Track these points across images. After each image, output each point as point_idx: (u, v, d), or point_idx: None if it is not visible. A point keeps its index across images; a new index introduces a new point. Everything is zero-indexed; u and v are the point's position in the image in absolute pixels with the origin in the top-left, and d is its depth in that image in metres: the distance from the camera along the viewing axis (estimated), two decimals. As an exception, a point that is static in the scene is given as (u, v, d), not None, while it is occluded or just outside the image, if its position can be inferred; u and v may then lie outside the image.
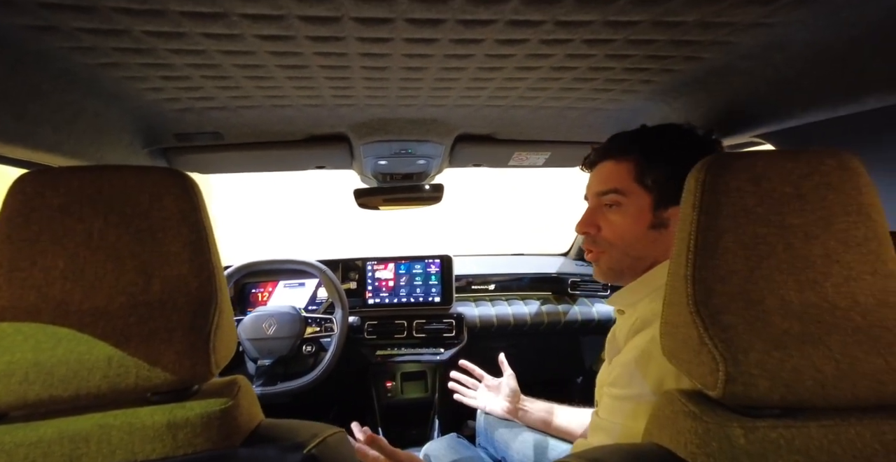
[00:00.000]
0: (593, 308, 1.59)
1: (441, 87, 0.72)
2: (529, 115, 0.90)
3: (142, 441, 0.40)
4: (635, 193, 0.65)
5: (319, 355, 1.36)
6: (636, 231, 0.65)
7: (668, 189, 0.63)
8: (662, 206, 0.64)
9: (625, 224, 0.65)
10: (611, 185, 0.67)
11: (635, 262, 0.66)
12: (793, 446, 0.33)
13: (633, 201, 0.65)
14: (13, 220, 0.41)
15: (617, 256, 0.67)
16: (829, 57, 0.52)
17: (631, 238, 0.65)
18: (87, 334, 0.40)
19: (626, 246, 0.66)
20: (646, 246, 0.65)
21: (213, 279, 0.44)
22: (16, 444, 0.39)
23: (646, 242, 0.65)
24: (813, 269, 0.38)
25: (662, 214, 0.64)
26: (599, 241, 0.69)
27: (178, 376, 0.40)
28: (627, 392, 0.55)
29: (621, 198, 0.65)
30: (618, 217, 0.66)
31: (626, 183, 0.65)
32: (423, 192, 1.26)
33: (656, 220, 0.64)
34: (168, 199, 0.44)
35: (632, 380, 0.55)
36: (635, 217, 0.65)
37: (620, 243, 0.66)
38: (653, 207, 0.64)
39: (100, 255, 0.42)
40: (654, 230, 0.64)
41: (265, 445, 0.43)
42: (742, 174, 0.39)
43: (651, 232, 0.64)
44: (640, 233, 0.65)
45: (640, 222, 0.64)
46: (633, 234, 0.65)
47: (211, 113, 0.81)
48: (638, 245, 0.65)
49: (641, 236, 0.65)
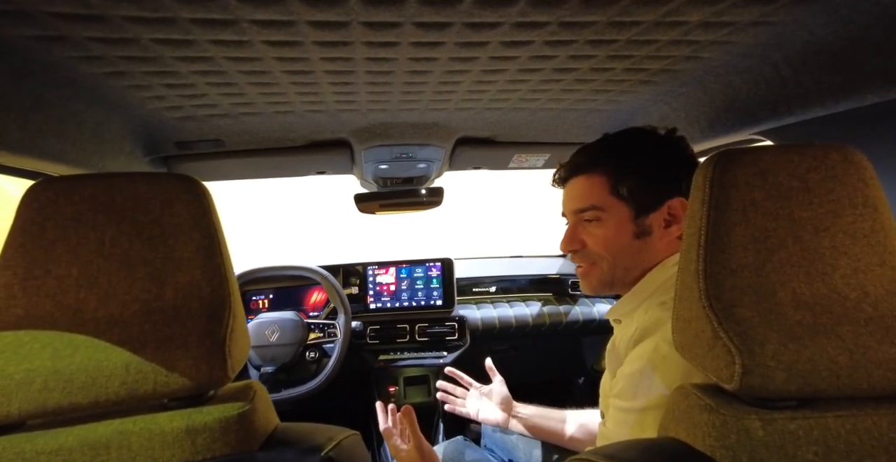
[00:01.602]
0: (594, 308, 1.59)
1: (443, 91, 0.73)
2: (529, 118, 0.91)
3: (161, 447, 0.40)
4: (613, 206, 0.64)
5: (322, 361, 1.36)
6: (621, 242, 0.64)
7: (645, 196, 0.63)
8: (643, 214, 0.63)
9: (608, 237, 0.65)
10: (587, 202, 0.66)
11: (625, 273, 0.66)
12: (811, 437, 0.34)
13: (612, 214, 0.64)
14: (28, 229, 0.42)
15: (607, 269, 0.66)
16: (828, 54, 0.54)
17: (617, 248, 0.65)
18: (103, 341, 0.40)
19: (614, 257, 0.65)
20: (632, 256, 0.65)
21: (226, 283, 0.44)
22: (37, 451, 0.39)
23: (632, 252, 0.64)
24: (822, 262, 0.38)
25: (644, 222, 0.64)
26: (588, 254, 0.68)
27: (195, 382, 0.40)
28: (633, 404, 0.55)
29: (600, 213, 0.65)
30: (600, 230, 0.66)
31: (602, 197, 0.65)
32: (422, 195, 1.26)
33: (638, 228, 0.64)
34: (179, 205, 0.44)
35: (636, 392, 0.55)
36: (617, 229, 0.64)
37: (608, 254, 0.65)
38: (633, 217, 0.64)
39: (113, 263, 0.42)
40: (639, 239, 0.64)
41: (283, 449, 0.43)
42: (749, 169, 0.40)
43: (636, 241, 0.64)
44: (624, 243, 0.64)
45: (623, 233, 0.64)
46: (618, 245, 0.65)
47: (213, 120, 0.81)
48: (625, 255, 0.65)
49: (627, 246, 0.64)
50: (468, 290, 1.67)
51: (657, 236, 0.64)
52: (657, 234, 0.64)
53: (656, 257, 0.65)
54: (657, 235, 0.64)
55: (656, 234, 0.64)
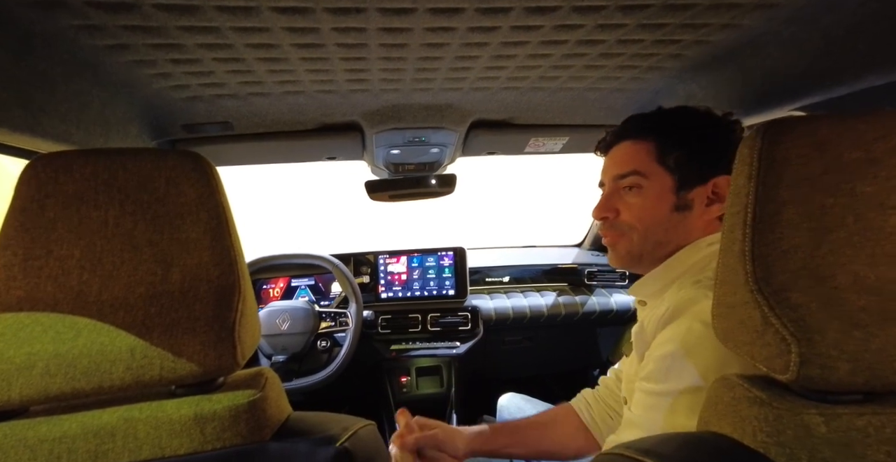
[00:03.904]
0: (611, 298, 1.56)
1: (459, 67, 0.69)
2: (548, 98, 0.87)
3: (169, 435, 0.38)
4: (657, 175, 0.62)
5: (334, 350, 1.35)
6: (658, 214, 0.62)
7: (692, 169, 0.61)
8: (687, 187, 0.61)
9: (646, 207, 0.63)
10: (630, 167, 0.64)
11: (655, 248, 0.64)
12: (883, 435, 0.31)
13: (654, 183, 0.62)
14: (28, 207, 0.40)
15: (637, 240, 0.64)
16: (889, 13, 0.49)
17: (652, 221, 0.63)
18: (107, 325, 0.39)
19: (647, 229, 0.63)
20: (667, 230, 0.62)
21: (235, 266, 0.42)
22: (39, 439, 0.38)
23: (668, 226, 0.62)
24: (889, 242, 0.34)
25: (686, 196, 0.61)
26: (618, 225, 0.66)
27: (204, 368, 0.39)
28: (664, 387, 0.52)
29: (642, 180, 0.63)
30: (638, 199, 0.63)
31: (647, 164, 0.63)
32: (434, 182, 1.23)
33: (679, 201, 0.61)
34: (185, 184, 0.42)
35: (668, 374, 0.52)
36: (657, 199, 0.62)
37: (641, 226, 0.63)
38: (675, 189, 0.61)
39: (116, 244, 0.40)
40: (678, 212, 0.62)
41: (296, 439, 0.41)
42: (804, 140, 0.36)
43: (674, 215, 0.62)
44: (662, 216, 0.62)
45: (663, 205, 0.62)
46: (654, 217, 0.62)
47: (221, 101, 0.78)
48: (659, 229, 0.62)
49: (664, 219, 0.62)
50: (481, 279, 1.64)
51: (696, 213, 0.61)
52: (697, 211, 0.61)
53: (691, 235, 0.62)
54: (697, 212, 0.61)
55: (696, 211, 0.61)
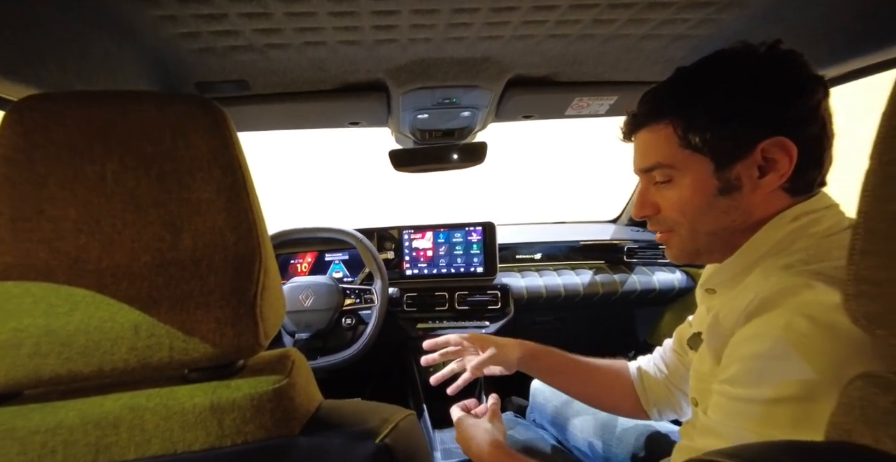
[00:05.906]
0: (654, 277, 1.46)
1: (501, 9, 0.60)
2: (598, 49, 0.76)
3: (181, 428, 0.33)
4: (686, 161, 0.54)
5: (359, 328, 1.30)
6: (701, 203, 0.54)
7: (728, 142, 0.51)
8: (727, 164, 0.52)
9: (684, 198, 0.55)
10: (653, 160, 0.56)
11: (711, 240, 0.56)
12: None
13: (686, 171, 0.54)
14: (13, 158, 0.34)
15: (687, 235, 0.57)
16: None
17: (696, 212, 0.55)
18: (107, 297, 0.33)
19: (693, 222, 0.56)
20: (717, 218, 0.54)
21: (255, 231, 0.36)
22: (30, 430, 0.32)
23: (717, 213, 0.54)
24: None
25: (729, 175, 0.52)
26: (663, 220, 0.59)
27: (220, 349, 0.33)
28: (755, 393, 0.44)
29: (670, 171, 0.55)
30: (674, 192, 0.56)
31: (671, 152, 0.54)
32: (464, 150, 1.15)
33: (723, 183, 0.52)
34: (195, 135, 0.36)
35: (762, 378, 0.43)
36: (695, 189, 0.54)
37: (686, 220, 0.56)
38: (714, 170, 0.52)
39: (117, 204, 0.34)
40: (725, 196, 0.53)
41: (329, 433, 0.35)
42: None
43: (721, 199, 0.53)
44: (705, 204, 0.54)
45: (703, 192, 0.54)
46: (697, 207, 0.54)
47: (235, 55, 0.71)
48: (707, 218, 0.54)
49: (709, 207, 0.54)
50: (510, 257, 1.56)
51: (749, 189, 0.52)
52: (749, 187, 0.52)
53: (752, 215, 0.53)
54: (749, 188, 0.52)
55: (748, 187, 0.52)
